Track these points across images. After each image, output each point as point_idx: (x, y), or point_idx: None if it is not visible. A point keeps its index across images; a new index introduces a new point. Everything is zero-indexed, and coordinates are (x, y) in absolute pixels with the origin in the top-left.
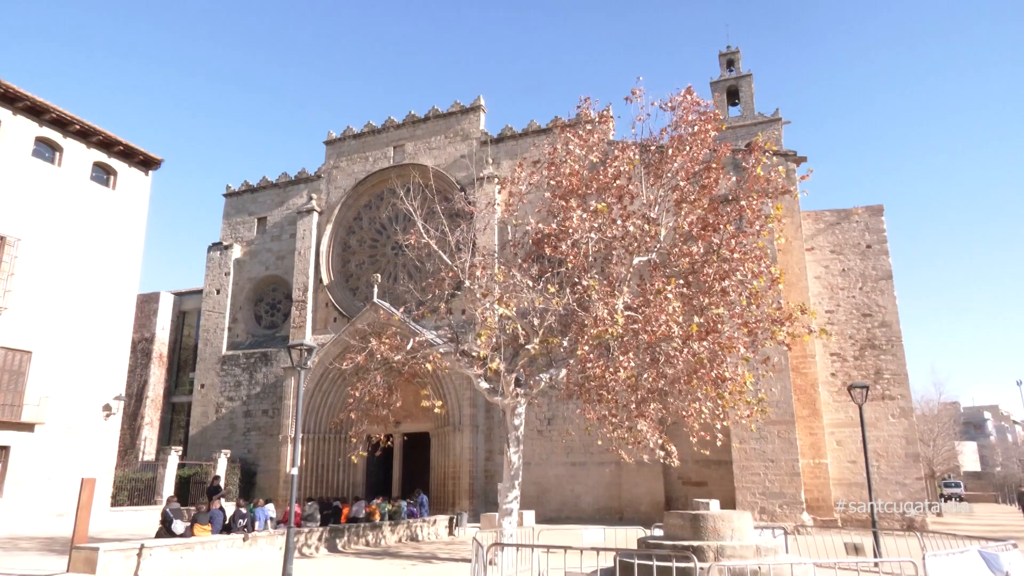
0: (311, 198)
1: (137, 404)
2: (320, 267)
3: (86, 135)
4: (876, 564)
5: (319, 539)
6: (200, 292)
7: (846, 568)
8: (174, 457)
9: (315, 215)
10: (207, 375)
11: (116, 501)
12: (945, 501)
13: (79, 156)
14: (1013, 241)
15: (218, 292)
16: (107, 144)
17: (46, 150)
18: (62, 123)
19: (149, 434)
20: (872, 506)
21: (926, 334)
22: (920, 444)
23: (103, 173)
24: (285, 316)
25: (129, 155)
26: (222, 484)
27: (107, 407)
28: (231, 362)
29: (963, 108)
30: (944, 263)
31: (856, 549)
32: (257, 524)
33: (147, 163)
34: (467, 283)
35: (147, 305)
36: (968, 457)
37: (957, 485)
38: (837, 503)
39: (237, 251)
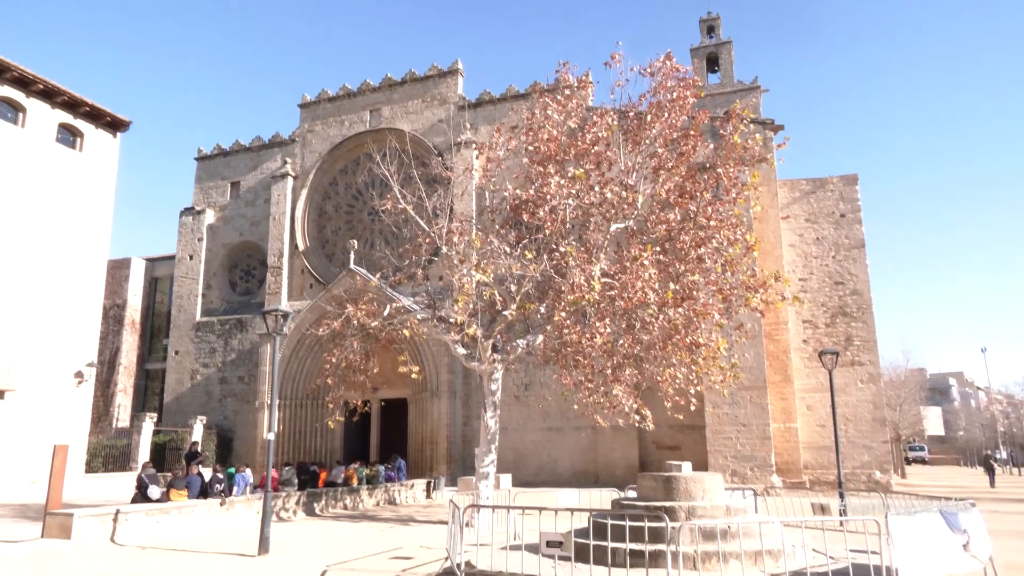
0: (286, 162)
1: (110, 371)
2: (296, 233)
3: (50, 95)
4: (841, 523)
5: (297, 503)
6: (173, 258)
7: (812, 527)
8: (149, 424)
9: (290, 180)
10: (181, 342)
11: (91, 468)
12: (909, 464)
13: (44, 117)
14: (982, 212)
15: (191, 258)
16: (73, 105)
17: (8, 110)
18: (24, 82)
19: (123, 401)
20: (839, 468)
21: (896, 302)
22: (887, 409)
23: (69, 135)
24: (260, 282)
25: (96, 116)
26: (199, 450)
27: (79, 374)
28: (206, 329)
29: (938, 79)
30: (915, 232)
31: (823, 509)
32: (236, 489)
33: (115, 125)
34: (444, 249)
35: (118, 271)
36: (933, 422)
37: (921, 449)
38: (805, 466)
39: (210, 216)
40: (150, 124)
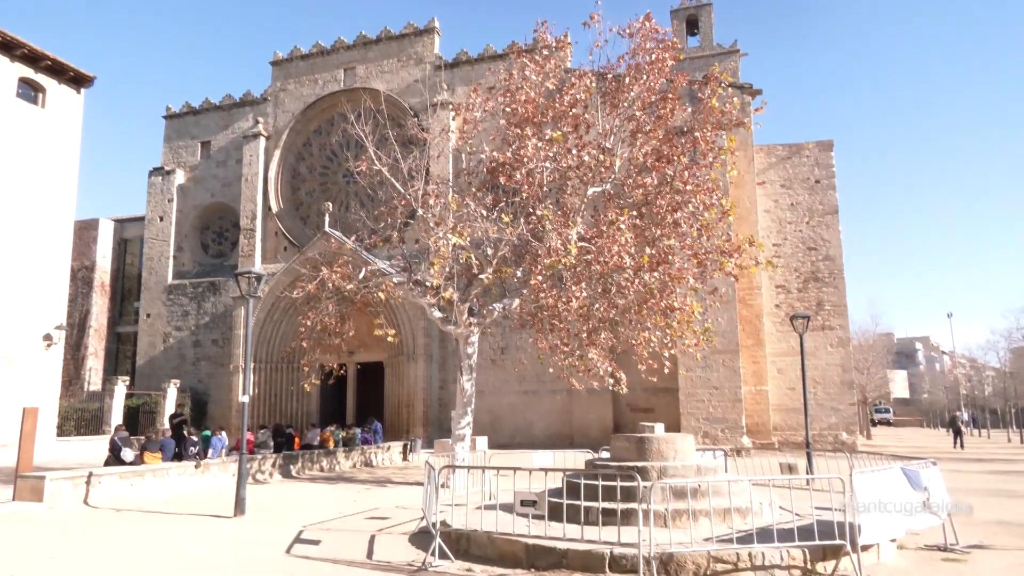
0: (257, 122)
1: (80, 334)
2: (269, 194)
3: (9, 48)
4: (808, 482)
5: (273, 465)
6: (142, 219)
7: (780, 486)
8: (121, 387)
9: (262, 140)
10: (153, 305)
11: (62, 431)
12: (875, 425)
13: (2, 71)
14: (952, 180)
15: (161, 219)
16: (33, 58)
17: None
18: None
19: (94, 364)
20: (807, 430)
21: (866, 267)
22: (855, 372)
23: (30, 90)
24: (233, 245)
25: (58, 71)
26: (184, 413)
27: (48, 337)
28: (178, 291)
29: (916, 47)
30: (887, 198)
31: (790, 468)
32: (211, 452)
33: (78, 80)
34: (420, 212)
35: (86, 232)
36: (898, 385)
37: (887, 411)
38: (775, 427)
39: (180, 177)
40: (116, 80)
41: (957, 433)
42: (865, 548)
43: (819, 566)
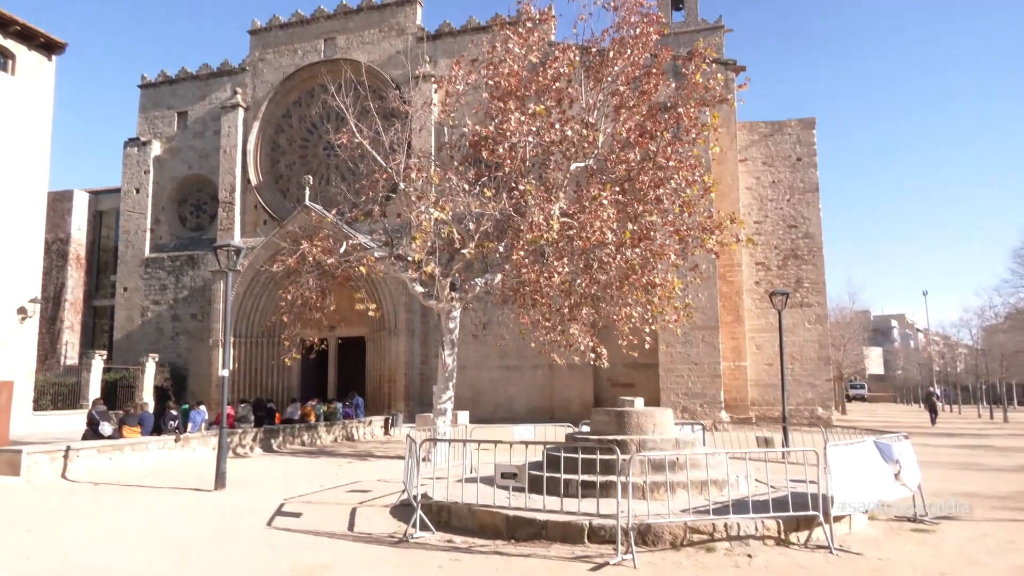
0: (236, 92)
1: (55, 308)
2: (248, 167)
3: None
4: (784, 455)
5: (253, 439)
6: (118, 191)
7: (756, 459)
8: (98, 361)
9: (240, 111)
10: (130, 278)
11: (39, 406)
12: (850, 401)
13: None
14: (930, 159)
15: (137, 191)
16: (1, 23)
17: None
18: None
19: (70, 338)
20: (784, 405)
21: (845, 245)
22: (832, 349)
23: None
24: (212, 218)
25: (28, 37)
26: (168, 387)
27: (22, 310)
28: (155, 265)
29: (897, 26)
30: (866, 177)
31: (767, 442)
32: (191, 426)
33: (49, 47)
34: (402, 186)
35: (60, 204)
36: (874, 361)
37: (862, 387)
38: (752, 402)
39: (156, 148)
40: (89, 48)
41: (932, 409)
42: (837, 519)
43: (793, 536)
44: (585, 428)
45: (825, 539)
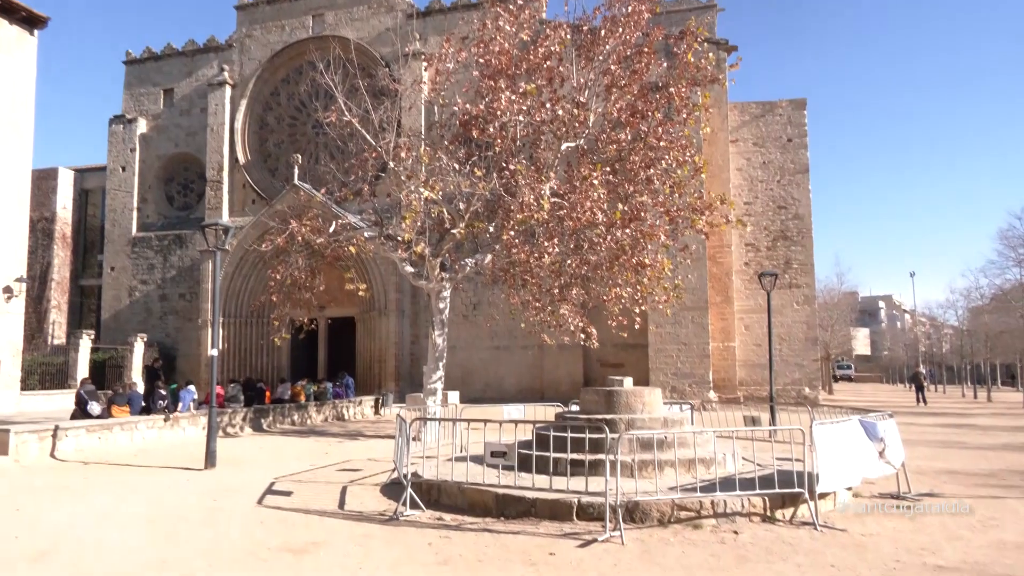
0: (223, 69)
1: (42, 287)
2: (236, 145)
3: None
4: (770, 434)
5: (243, 419)
6: (104, 169)
7: (743, 437)
8: (86, 341)
9: (228, 89)
10: (117, 257)
11: (26, 385)
12: (837, 381)
13: None
14: (918, 140)
15: (124, 170)
16: None
17: None
18: None
19: (57, 318)
20: (771, 385)
21: (833, 226)
22: (819, 329)
23: None
24: (199, 197)
25: (9, 11)
26: (159, 366)
27: (8, 289)
28: (143, 244)
29: (889, 8)
30: (855, 158)
31: (754, 421)
32: (180, 406)
33: (31, 21)
34: (392, 165)
35: (44, 182)
36: (860, 342)
37: (848, 367)
38: (741, 382)
39: (143, 125)
40: (72, 22)
41: (920, 389)
42: (822, 496)
43: (778, 513)
44: (574, 408)
45: (810, 516)
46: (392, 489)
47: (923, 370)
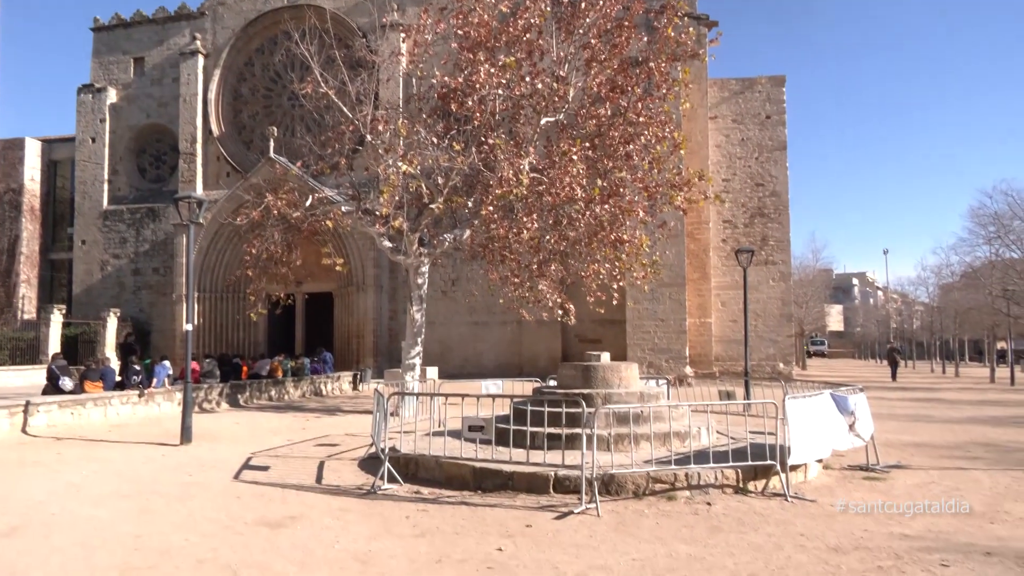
0: (195, 38)
1: (10, 260)
2: (209, 117)
3: None
4: (744, 408)
5: (220, 394)
6: (73, 140)
7: (718, 412)
8: (57, 316)
9: (200, 58)
10: (88, 231)
11: None
12: (811, 357)
13: None
14: (893, 119)
15: (93, 140)
16: None
17: None
18: None
19: (27, 292)
20: (746, 360)
21: (809, 202)
22: (794, 306)
23: None
24: (172, 169)
25: None
26: (134, 341)
27: None
28: (114, 217)
29: None
30: (832, 135)
31: (729, 395)
32: (155, 381)
33: None
34: (369, 138)
35: (10, 152)
36: (834, 318)
37: (822, 343)
38: (716, 358)
39: (112, 95)
40: None
41: (893, 364)
42: (794, 468)
43: (750, 485)
44: (552, 382)
45: (781, 487)
46: (370, 463)
47: (898, 345)
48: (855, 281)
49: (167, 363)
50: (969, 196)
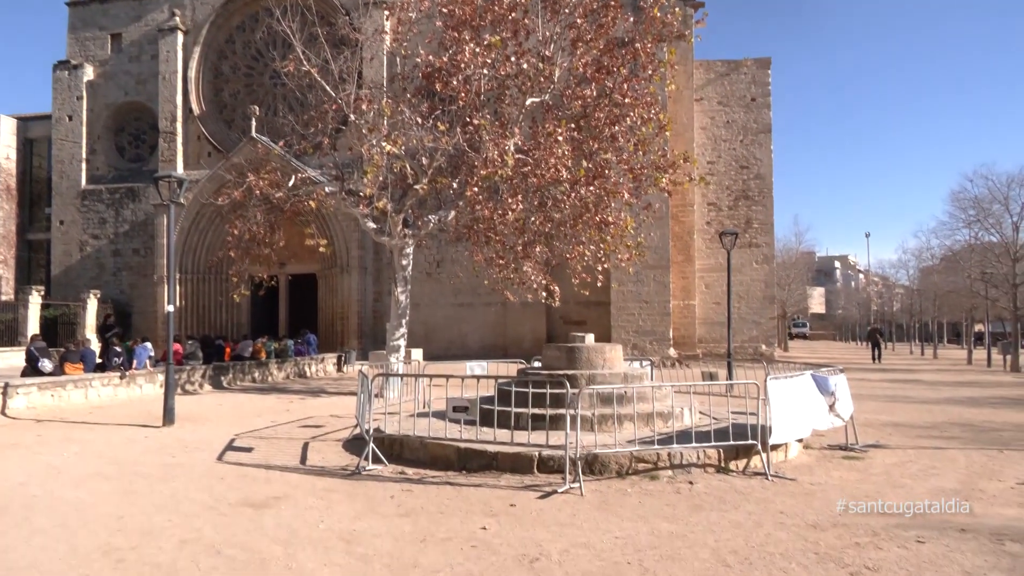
0: (174, 14)
1: None
2: (189, 95)
3: None
4: (727, 389)
5: (202, 376)
6: (49, 118)
7: (700, 392)
8: (36, 297)
9: (179, 35)
10: (66, 211)
11: None
12: (792, 339)
13: None
14: (875, 103)
15: (70, 119)
16: None
17: None
18: None
19: (5, 273)
20: (729, 342)
21: (793, 185)
22: (777, 288)
23: None
24: (152, 148)
25: None
26: (114, 322)
27: None
28: (93, 197)
29: None
30: (816, 118)
31: (711, 376)
32: (136, 363)
33: None
34: (352, 118)
35: None
36: (816, 300)
37: (804, 325)
38: (700, 340)
39: (89, 72)
40: None
41: (876, 346)
42: (774, 448)
43: (732, 464)
44: (537, 364)
45: (762, 466)
46: (354, 444)
47: (881, 327)
48: (837, 264)
49: (148, 345)
50: (951, 180)
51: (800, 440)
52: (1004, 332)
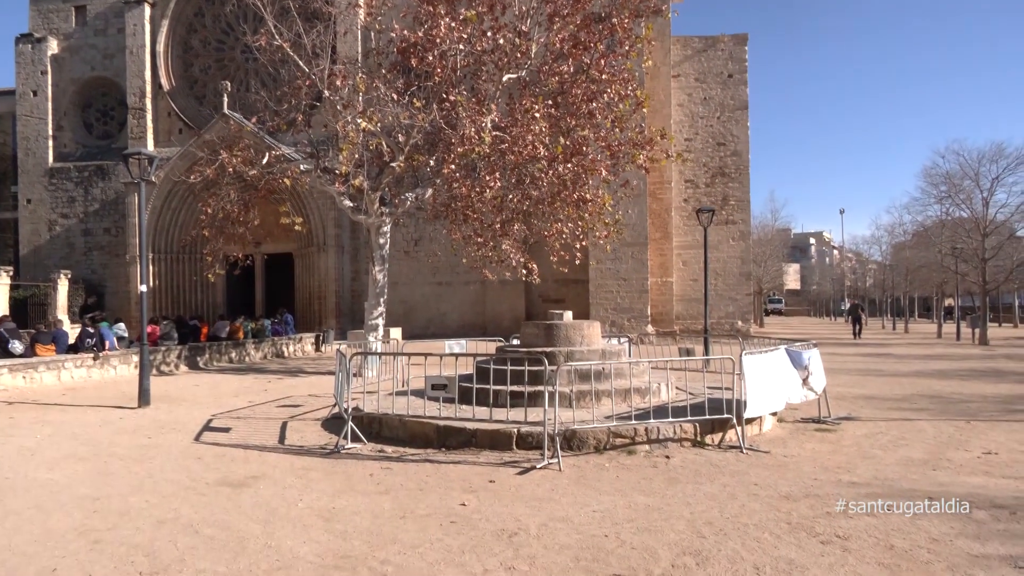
0: None
1: None
2: (158, 70)
3: None
4: (703, 364)
5: (178, 357)
6: (13, 93)
7: (677, 368)
8: (4, 278)
9: (146, 7)
10: (33, 189)
11: None
12: (768, 315)
13: None
14: (853, 81)
15: (35, 94)
16: None
17: None
18: None
19: None
20: (706, 318)
21: (769, 161)
22: (753, 265)
23: None
24: (121, 125)
25: None
26: (94, 302)
27: None
28: (61, 175)
29: None
30: (793, 95)
31: (688, 352)
32: (108, 343)
33: None
34: (327, 94)
35: None
36: (791, 277)
37: (779, 301)
38: (677, 316)
39: (54, 46)
40: None
41: (856, 321)
42: (749, 421)
43: (708, 438)
44: (516, 341)
45: (737, 440)
46: (333, 424)
47: (844, 304)
48: (812, 240)
49: (122, 325)
50: (924, 156)
51: (774, 414)
52: (973, 306)
